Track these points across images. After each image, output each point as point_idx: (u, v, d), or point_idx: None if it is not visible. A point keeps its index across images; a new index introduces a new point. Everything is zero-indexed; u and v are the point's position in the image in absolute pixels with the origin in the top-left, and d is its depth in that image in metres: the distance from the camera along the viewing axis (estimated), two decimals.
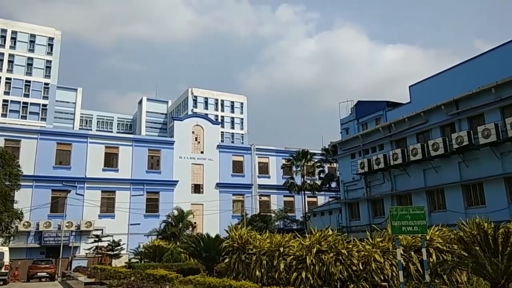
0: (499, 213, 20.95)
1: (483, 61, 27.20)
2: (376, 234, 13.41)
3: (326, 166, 45.47)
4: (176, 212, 38.64)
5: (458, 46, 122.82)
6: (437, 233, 13.23)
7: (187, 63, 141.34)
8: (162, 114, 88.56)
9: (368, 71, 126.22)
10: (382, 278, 11.62)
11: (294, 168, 43.27)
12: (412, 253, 12.39)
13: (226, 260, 14.14)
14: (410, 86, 33.09)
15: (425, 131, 27.92)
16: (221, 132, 67.35)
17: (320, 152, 44.69)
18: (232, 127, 79.84)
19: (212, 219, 42.39)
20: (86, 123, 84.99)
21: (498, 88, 22.75)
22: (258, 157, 49.02)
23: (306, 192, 42.23)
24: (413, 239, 12.56)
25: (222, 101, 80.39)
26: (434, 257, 12.36)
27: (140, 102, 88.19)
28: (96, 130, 76.91)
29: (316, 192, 43.64)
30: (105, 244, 34.98)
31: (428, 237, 12.53)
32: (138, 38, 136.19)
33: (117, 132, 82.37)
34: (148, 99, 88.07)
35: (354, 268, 11.53)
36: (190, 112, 72.82)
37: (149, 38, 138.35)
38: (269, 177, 48.86)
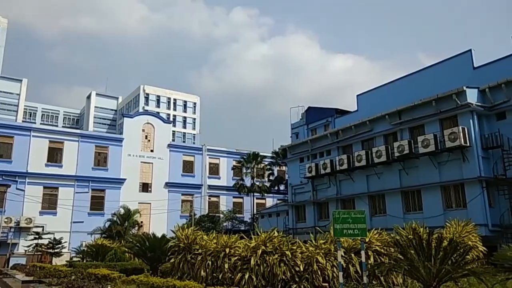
0: (435, 219, 22.39)
1: (425, 74, 29.13)
2: (319, 236, 13.85)
3: (276, 169, 46.24)
4: (122, 211, 37.64)
5: (402, 58, 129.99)
6: (376, 236, 13.91)
7: (138, 60, 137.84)
8: (112, 110, 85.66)
9: (318, 78, 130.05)
10: (323, 278, 12.04)
11: (244, 170, 43.61)
12: (353, 255, 12.94)
13: (172, 260, 13.99)
14: (357, 95, 34.65)
15: (370, 139, 29.23)
16: (173, 131, 66.30)
17: (270, 155, 45.39)
18: (184, 127, 78.88)
19: (160, 219, 41.71)
20: (30, 116, 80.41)
21: (438, 101, 24.31)
22: (209, 157, 48.85)
23: (255, 194, 42.69)
24: (353, 242, 13.10)
25: (175, 100, 79.19)
26: (372, 259, 12.97)
27: (89, 97, 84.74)
28: (41, 124, 72.73)
29: (265, 194, 44.28)
30: (45, 241, 33.30)
31: (367, 240, 13.15)
32: (87, 31, 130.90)
33: (63, 127, 78.64)
34: (97, 94, 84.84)
35: (297, 269, 11.84)
36: (141, 110, 70.98)
37: (99, 32, 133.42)
38: (219, 178, 48.84)
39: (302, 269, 11.83)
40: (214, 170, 48.97)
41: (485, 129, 23.15)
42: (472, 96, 23.12)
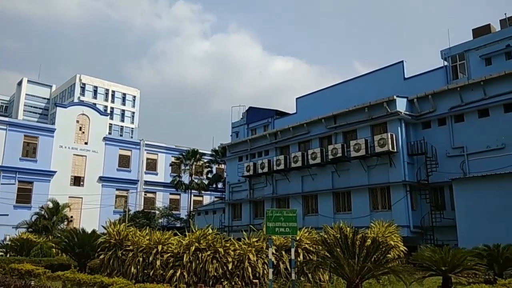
0: (362, 219, 23.68)
1: (360, 82, 30.72)
2: (253, 234, 14.10)
3: (215, 166, 46.23)
4: (50, 204, 35.54)
5: (339, 65, 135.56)
6: (306, 235, 14.42)
7: (75, 48, 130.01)
8: (44, 99, 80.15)
9: (259, 78, 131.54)
10: (254, 275, 12.30)
11: (183, 167, 43.10)
12: (283, 252, 13.32)
13: (101, 257, 13.52)
14: (297, 98, 35.66)
15: (307, 141, 30.24)
16: (110, 124, 63.73)
17: (210, 152, 45.26)
18: (122, 120, 75.90)
19: (92, 214, 39.98)
20: None
21: (371, 108, 25.75)
22: (147, 153, 47.63)
23: (193, 191, 42.33)
24: (285, 240, 13.50)
25: (113, 92, 75.89)
26: (302, 256, 13.44)
27: (20, 83, 78.58)
28: None
29: (203, 192, 44.09)
30: None
31: (298, 238, 13.62)
32: (18, 13, 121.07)
33: None
34: (29, 81, 78.87)
35: (229, 266, 11.98)
36: (76, 100, 67.21)
37: (31, 15, 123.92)
38: (156, 174, 47.80)
39: (233, 266, 11.99)
40: (151, 165, 47.81)
41: (412, 137, 24.95)
42: (401, 105, 24.79)
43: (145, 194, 46.35)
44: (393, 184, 24.13)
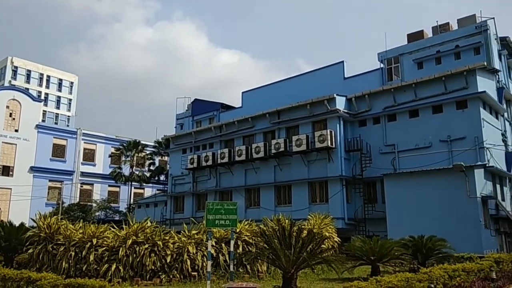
0: (301, 212, 24.45)
1: (303, 79, 31.65)
2: (194, 227, 14.10)
3: (157, 158, 45.22)
4: None
5: (284, 61, 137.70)
6: (246, 227, 14.71)
7: (5, 28, 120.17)
8: None
9: (205, 70, 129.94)
10: (193, 268, 12.33)
11: (123, 158, 41.67)
12: (223, 244, 13.50)
13: (30, 251, 12.82)
14: (242, 92, 35.94)
15: (251, 135, 30.57)
16: (44, 111, 59.98)
17: (153, 144, 44.17)
18: (58, 107, 71.54)
19: (22, 206, 37.35)
20: None
21: (312, 105, 26.57)
22: (85, 142, 45.40)
23: (133, 183, 41.14)
24: (225, 232, 13.66)
25: (48, 77, 71.18)
26: (241, 248, 13.70)
27: None
28: None
29: (144, 184, 42.98)
30: None
31: (238, 231, 13.86)
32: None
33: None
34: None
35: (168, 259, 11.90)
36: (6, 84, 62.26)
37: None
38: (94, 165, 45.75)
39: (172, 259, 11.93)
40: (89, 156, 45.67)
41: (349, 134, 26.14)
42: (340, 103, 25.85)
43: (81, 186, 44.26)
44: (331, 178, 25.16)
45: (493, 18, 25.25)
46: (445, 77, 22.84)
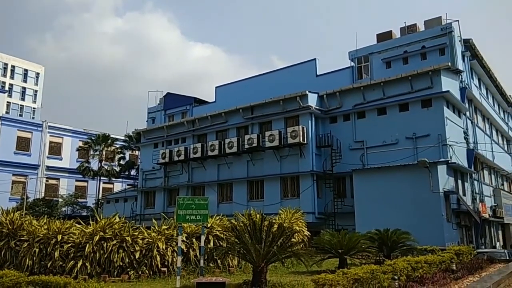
0: (273, 206, 24.69)
1: (277, 75, 31.87)
2: (164, 222, 13.98)
3: (128, 153, 44.36)
4: None
5: (258, 57, 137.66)
6: (218, 222, 14.71)
7: None
8: None
9: (177, 64, 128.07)
10: (163, 263, 12.24)
11: (92, 152, 40.61)
12: (194, 240, 13.44)
13: None
14: (216, 87, 35.81)
15: (224, 130, 30.53)
16: (8, 102, 57.58)
17: (123, 138, 43.30)
18: (23, 99, 68.88)
19: None
20: None
21: (285, 101, 26.81)
22: (51, 135, 43.91)
23: (102, 178, 40.23)
24: (197, 227, 13.60)
25: (13, 67, 68.37)
26: (212, 243, 13.69)
27: None
28: None
29: (114, 179, 42.08)
30: None
31: (209, 226, 13.85)
32: None
33: None
34: None
35: (137, 255, 11.77)
36: None
37: None
38: (61, 159, 44.33)
39: (141, 255, 11.80)
40: (55, 150, 44.23)
41: (320, 130, 26.57)
42: (312, 100, 26.21)
43: (47, 181, 42.86)
44: (302, 173, 25.52)
45: (458, 20, 26.24)
46: (412, 77, 23.57)
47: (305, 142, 25.36)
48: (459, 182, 23.77)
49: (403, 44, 26.78)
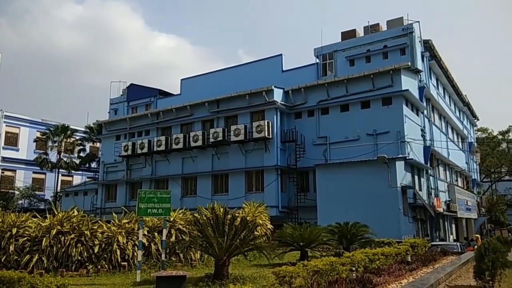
0: (238, 200, 24.74)
1: (243, 70, 31.83)
2: (124, 216, 13.74)
3: (88, 145, 43.03)
4: None
5: (224, 50, 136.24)
6: (180, 216, 14.64)
7: None
8: None
9: (141, 54, 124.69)
10: (123, 258, 12.06)
11: (50, 143, 39.08)
12: (156, 233, 13.31)
13: None
14: (182, 80, 35.35)
15: (189, 123, 30.24)
16: None
17: (83, 129, 41.92)
18: None
19: None
20: None
21: (251, 96, 26.89)
22: (6, 125, 41.83)
23: (61, 170, 38.85)
24: (159, 221, 13.47)
25: None
26: (174, 237, 13.62)
27: None
28: None
29: (73, 171, 40.77)
30: None
31: (172, 219, 13.76)
32: None
33: None
34: None
35: (96, 249, 11.53)
36: None
37: None
38: (17, 150, 42.38)
39: (100, 249, 11.57)
40: (11, 140, 42.19)
41: (285, 125, 26.87)
42: (278, 95, 26.44)
43: (2, 172, 40.88)
44: (267, 168, 25.76)
45: (418, 21, 27.18)
46: (373, 75, 24.28)
47: (270, 137, 25.57)
48: (416, 177, 24.79)
49: (366, 43, 27.48)
